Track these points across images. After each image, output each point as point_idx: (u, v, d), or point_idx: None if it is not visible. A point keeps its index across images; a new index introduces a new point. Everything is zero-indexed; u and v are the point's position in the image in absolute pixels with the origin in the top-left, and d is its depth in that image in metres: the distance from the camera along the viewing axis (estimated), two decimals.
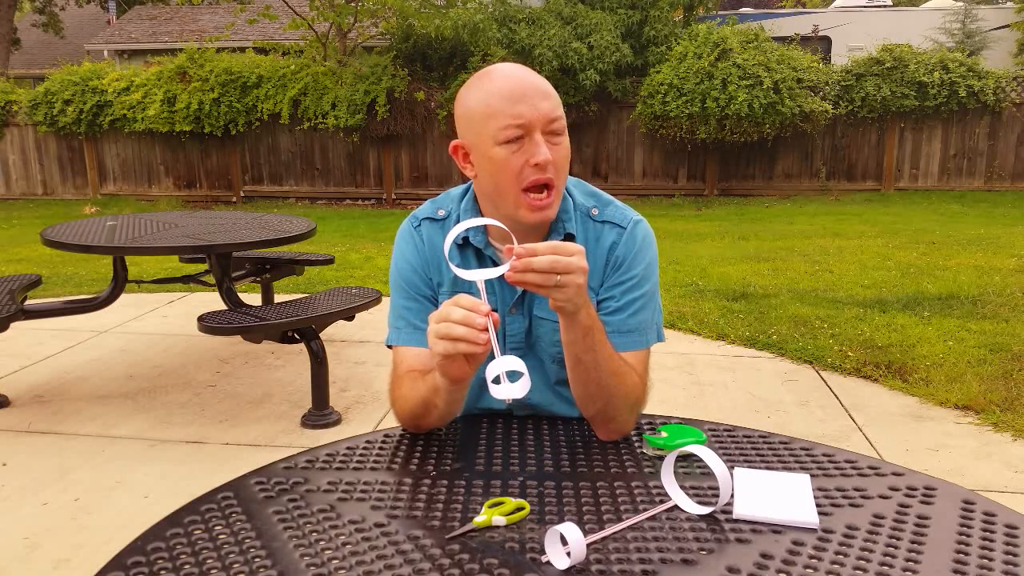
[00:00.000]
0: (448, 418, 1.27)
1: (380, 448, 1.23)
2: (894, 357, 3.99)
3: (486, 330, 1.04)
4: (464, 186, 1.39)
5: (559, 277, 1.06)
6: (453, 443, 1.26)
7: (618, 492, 1.08)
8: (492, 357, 1.03)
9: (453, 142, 1.30)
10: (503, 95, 1.20)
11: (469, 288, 1.20)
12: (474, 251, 1.34)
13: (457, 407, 1.25)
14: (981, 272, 5.80)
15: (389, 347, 1.38)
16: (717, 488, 1.03)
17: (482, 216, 1.32)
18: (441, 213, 1.38)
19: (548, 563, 0.90)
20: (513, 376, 1.01)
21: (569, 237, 1.32)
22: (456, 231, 1.11)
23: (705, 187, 10.89)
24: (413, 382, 1.26)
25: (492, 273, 1.08)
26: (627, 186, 10.92)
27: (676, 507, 1.03)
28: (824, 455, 1.19)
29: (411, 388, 1.26)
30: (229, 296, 3.60)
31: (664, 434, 1.22)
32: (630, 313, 1.31)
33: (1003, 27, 14.26)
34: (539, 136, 1.20)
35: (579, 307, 1.12)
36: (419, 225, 1.38)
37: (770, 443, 1.24)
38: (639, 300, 1.32)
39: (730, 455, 1.19)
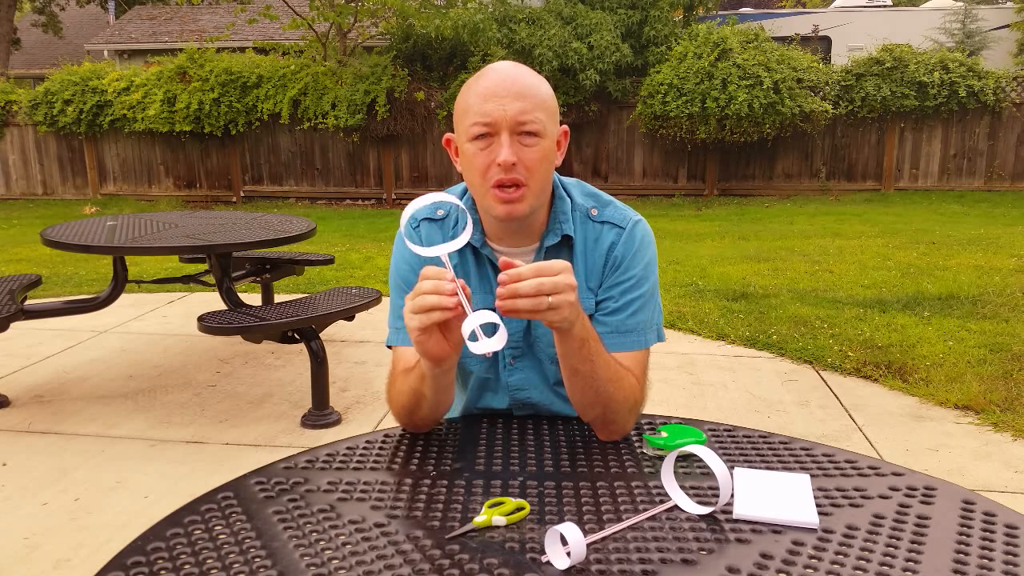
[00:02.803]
0: (439, 409, 1.26)
1: (380, 448, 1.23)
2: (894, 357, 3.99)
3: (455, 294, 1.03)
4: (463, 185, 1.39)
5: (550, 299, 1.04)
6: (453, 443, 1.26)
7: (618, 492, 1.08)
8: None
9: (446, 135, 1.32)
10: (478, 93, 1.22)
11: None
12: (471, 250, 1.34)
13: (446, 396, 1.24)
14: (981, 272, 5.80)
15: (389, 347, 1.38)
16: (717, 488, 1.02)
17: (478, 214, 1.33)
18: (440, 213, 1.38)
19: (548, 563, 0.90)
20: (489, 331, 1.01)
21: (566, 239, 1.32)
22: (444, 249, 1.09)
23: (705, 187, 10.89)
24: (405, 376, 1.27)
25: (453, 246, 1.08)
26: (627, 186, 10.92)
27: (676, 507, 1.03)
28: (824, 455, 1.19)
29: (403, 382, 1.27)
30: (229, 296, 3.60)
31: (664, 434, 1.22)
32: (629, 313, 1.31)
33: (1003, 27, 14.27)
34: (505, 136, 1.20)
35: (573, 323, 1.12)
36: (418, 225, 1.38)
37: (770, 443, 1.24)
38: (638, 300, 1.31)
39: (730, 455, 1.19)
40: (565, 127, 1.31)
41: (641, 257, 1.32)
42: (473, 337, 1.00)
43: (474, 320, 1.00)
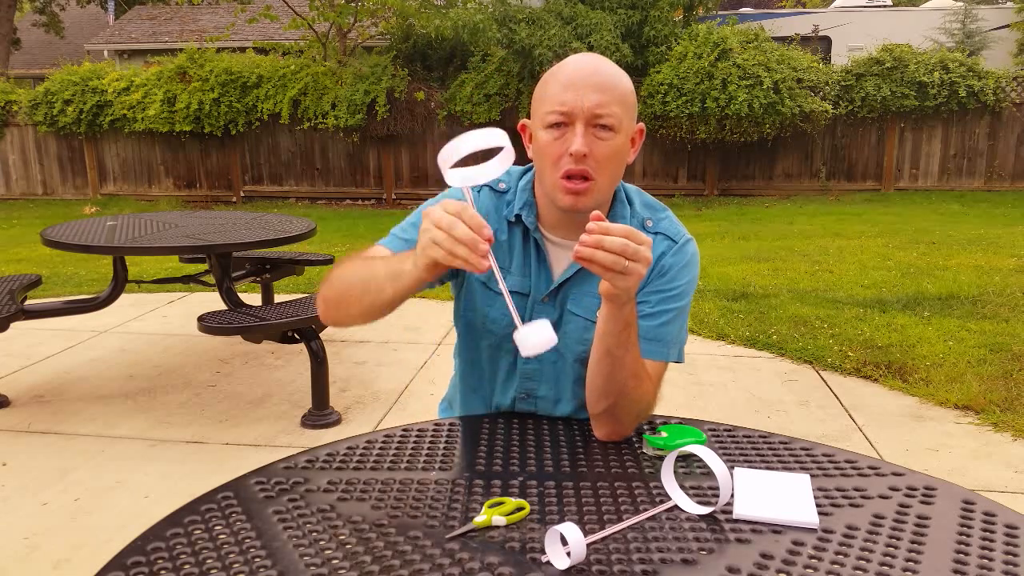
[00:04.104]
0: (373, 310, 1.23)
1: (380, 448, 1.23)
2: (894, 357, 3.99)
3: (487, 256, 1.00)
4: (527, 165, 1.39)
5: (628, 263, 1.04)
6: (453, 443, 1.26)
7: (618, 492, 1.08)
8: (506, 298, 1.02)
9: (522, 120, 1.33)
10: (558, 81, 1.22)
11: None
12: (522, 229, 1.35)
13: (387, 307, 1.21)
14: (981, 272, 5.80)
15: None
16: (717, 488, 1.03)
17: (535, 197, 1.34)
18: (503, 186, 1.38)
19: (548, 563, 0.90)
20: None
21: None
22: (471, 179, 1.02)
23: (705, 187, 10.89)
24: (364, 262, 1.26)
25: (480, 179, 1.00)
26: None
27: (676, 507, 1.03)
28: (824, 455, 1.19)
29: (361, 262, 1.26)
30: (229, 296, 3.60)
31: (664, 434, 1.22)
32: (661, 322, 1.31)
33: (1003, 27, 14.26)
34: (580, 127, 1.20)
35: (630, 298, 1.13)
36: (480, 190, 1.37)
37: (770, 443, 1.24)
38: (671, 312, 1.32)
39: (730, 455, 1.19)
40: (641, 125, 1.31)
41: (686, 272, 1.34)
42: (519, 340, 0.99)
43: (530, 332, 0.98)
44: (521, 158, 1.14)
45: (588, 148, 1.20)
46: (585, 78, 1.21)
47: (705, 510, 1.02)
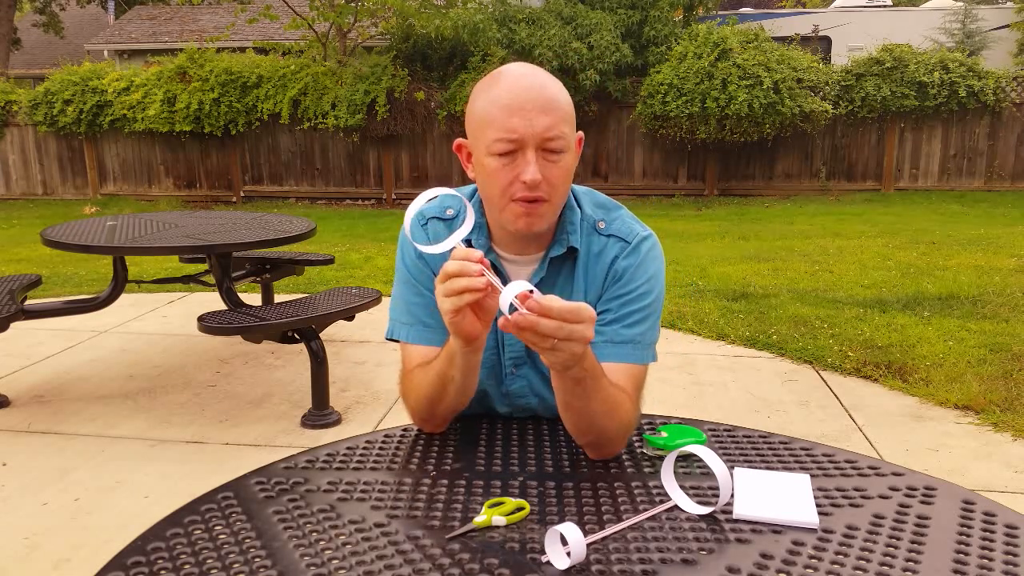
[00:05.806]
0: (465, 395, 1.23)
1: (380, 448, 1.23)
2: (894, 357, 3.99)
3: (483, 274, 1.03)
4: (473, 186, 1.37)
5: (556, 342, 1.01)
6: (453, 443, 1.26)
7: (618, 492, 1.08)
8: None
9: (458, 140, 1.28)
10: (501, 105, 1.16)
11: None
12: None
13: (473, 379, 1.21)
14: (981, 272, 5.80)
15: (391, 340, 1.36)
16: (717, 488, 1.03)
17: (485, 218, 1.31)
18: (450, 212, 1.35)
19: (548, 563, 0.90)
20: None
21: (572, 251, 1.29)
22: (448, 244, 1.09)
23: (705, 187, 10.89)
24: (424, 369, 1.25)
25: (456, 239, 1.08)
26: (627, 186, 10.92)
27: (676, 507, 1.03)
28: (824, 455, 1.19)
29: (423, 372, 1.24)
30: (229, 296, 3.60)
31: (664, 434, 1.22)
32: (626, 324, 1.27)
33: (1003, 27, 14.27)
34: (531, 153, 1.15)
35: (568, 368, 1.08)
36: (426, 223, 1.35)
37: (770, 443, 1.24)
38: (637, 313, 1.28)
39: (730, 455, 1.19)
40: (580, 134, 1.27)
41: (644, 271, 1.29)
42: (512, 309, 1.00)
43: (509, 293, 1.00)
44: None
45: (541, 174, 1.16)
46: (531, 98, 1.15)
47: (705, 510, 1.02)
